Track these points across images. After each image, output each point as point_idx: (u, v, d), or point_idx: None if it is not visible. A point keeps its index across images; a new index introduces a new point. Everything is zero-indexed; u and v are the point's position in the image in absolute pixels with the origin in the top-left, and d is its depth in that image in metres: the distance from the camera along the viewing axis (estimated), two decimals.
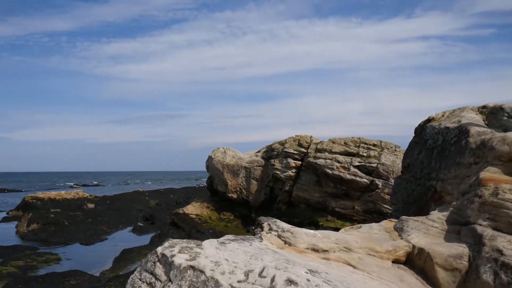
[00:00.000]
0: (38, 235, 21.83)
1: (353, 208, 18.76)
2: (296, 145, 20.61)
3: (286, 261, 3.04)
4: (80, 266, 14.69)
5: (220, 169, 21.95)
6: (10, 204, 41.33)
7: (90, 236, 21.34)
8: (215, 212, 22.28)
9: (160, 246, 3.00)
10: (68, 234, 21.43)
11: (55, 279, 11.95)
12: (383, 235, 4.62)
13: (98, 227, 23.32)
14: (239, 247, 3.14)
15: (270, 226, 4.19)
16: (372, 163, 18.61)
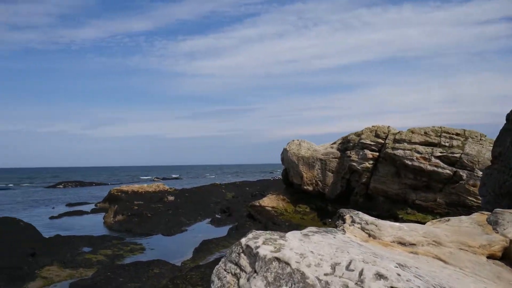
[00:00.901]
0: (123, 225, 23.00)
1: (435, 201, 17.94)
2: (373, 136, 20.02)
3: (374, 254, 2.91)
4: (162, 255, 15.23)
5: (295, 161, 21.85)
6: (98, 197, 43.96)
7: (171, 227, 22.13)
8: (291, 205, 22.24)
9: (244, 237, 2.98)
10: (150, 225, 22.38)
11: (140, 267, 12.49)
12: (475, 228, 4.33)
13: (178, 219, 24.14)
14: (323, 240, 3.06)
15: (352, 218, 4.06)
16: (455, 153, 17.65)
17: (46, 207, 37.40)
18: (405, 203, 18.61)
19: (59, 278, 12.71)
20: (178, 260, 14.89)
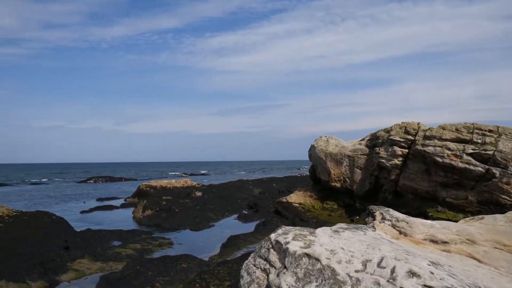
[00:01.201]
0: (152, 220, 23.32)
1: (466, 199, 17.53)
2: (403, 132, 19.70)
3: (405, 252, 2.86)
4: (190, 250, 15.37)
5: (323, 157, 21.71)
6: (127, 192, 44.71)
7: (199, 222, 22.32)
8: (318, 201, 22.12)
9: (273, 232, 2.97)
10: (178, 220, 22.61)
11: (168, 262, 12.63)
12: (510, 227, 4.20)
13: (206, 214, 24.32)
14: (354, 236, 3.02)
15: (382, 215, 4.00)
16: (488, 150, 17.20)
17: (77, 201, 38.23)
18: (435, 201, 18.26)
19: (90, 271, 12.97)
20: (205, 255, 15.00)
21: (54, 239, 14.57)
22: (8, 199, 40.59)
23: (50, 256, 12.89)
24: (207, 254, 15.36)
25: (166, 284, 10.69)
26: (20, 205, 31.51)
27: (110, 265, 13.67)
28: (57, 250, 13.59)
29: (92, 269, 13.11)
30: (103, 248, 15.43)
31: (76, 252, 14.19)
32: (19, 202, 37.46)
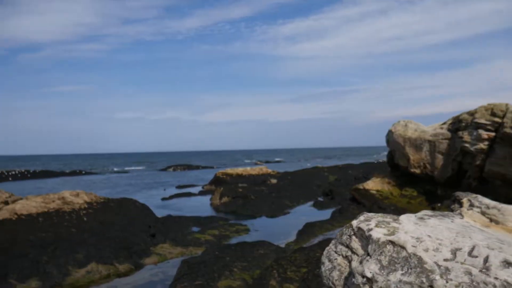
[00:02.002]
0: (228, 207, 23.82)
1: None
2: (489, 115, 18.49)
3: (499, 240, 2.65)
4: (266, 237, 15.50)
5: (401, 143, 20.96)
6: (204, 180, 45.98)
7: (275, 209, 22.47)
8: (397, 188, 21.43)
9: (355, 219, 2.87)
10: (254, 207, 22.91)
11: (246, 248, 12.82)
12: None
13: (281, 201, 24.43)
14: (440, 224, 2.85)
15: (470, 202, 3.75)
16: None
17: (158, 189, 39.88)
18: None
19: (172, 255, 13.50)
20: (282, 242, 15.07)
21: (138, 225, 15.30)
22: (95, 186, 43.24)
23: (135, 241, 13.56)
24: (283, 240, 15.43)
25: (243, 269, 10.86)
26: (106, 193, 33.44)
27: (190, 250, 14.15)
28: (141, 235, 14.27)
29: (173, 254, 13.64)
30: (183, 233, 15.99)
31: (158, 237, 14.81)
32: (105, 189, 39.76)
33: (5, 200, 14.76)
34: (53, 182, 52.24)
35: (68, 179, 59.27)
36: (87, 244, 12.30)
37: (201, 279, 9.69)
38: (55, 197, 15.61)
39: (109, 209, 15.86)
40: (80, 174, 68.83)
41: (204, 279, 9.64)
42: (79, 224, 13.92)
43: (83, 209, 15.13)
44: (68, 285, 10.70)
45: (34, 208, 14.24)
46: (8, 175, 59.11)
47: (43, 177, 61.63)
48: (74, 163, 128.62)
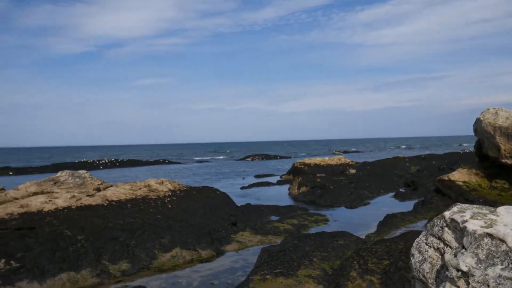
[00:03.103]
0: (307, 197, 23.77)
1: None
2: None
3: None
4: (346, 227, 15.30)
5: (491, 132, 19.70)
6: (282, 169, 46.26)
7: (354, 200, 22.10)
8: (485, 180, 20.20)
9: (447, 210, 2.74)
10: (333, 197, 22.67)
11: (325, 238, 12.74)
12: None
13: (360, 192, 23.98)
14: None
15: None
16: None
17: (236, 178, 40.68)
18: None
19: (251, 243, 13.74)
20: (361, 233, 14.80)
21: (219, 213, 15.72)
22: (177, 175, 44.97)
23: (216, 228, 13.96)
24: (363, 232, 15.14)
25: (323, 259, 10.81)
26: (187, 181, 34.64)
27: (270, 238, 14.31)
28: (222, 223, 14.66)
29: (253, 242, 13.87)
30: (262, 222, 16.20)
31: (238, 225, 15.13)
32: (186, 178, 41.23)
33: (97, 187, 15.78)
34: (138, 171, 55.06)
35: (151, 167, 62.14)
36: (172, 230, 12.84)
37: (281, 267, 9.78)
38: (142, 185, 16.44)
39: (191, 197, 16.43)
40: (163, 163, 71.94)
41: (284, 268, 9.72)
42: (164, 210, 14.56)
43: (167, 197, 15.80)
44: (155, 268, 11.26)
45: (123, 195, 15.08)
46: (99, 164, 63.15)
47: (129, 165, 65.15)
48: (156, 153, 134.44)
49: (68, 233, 11.36)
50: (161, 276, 10.74)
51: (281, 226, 15.76)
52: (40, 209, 12.84)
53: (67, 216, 12.61)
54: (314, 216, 18.04)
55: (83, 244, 11.12)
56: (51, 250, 10.63)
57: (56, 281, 9.95)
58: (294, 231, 15.12)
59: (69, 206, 13.43)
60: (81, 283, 10.09)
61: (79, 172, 16.57)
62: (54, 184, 15.55)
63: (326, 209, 20.35)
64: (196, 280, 10.45)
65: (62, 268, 10.29)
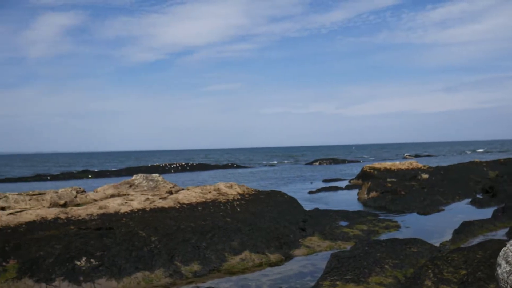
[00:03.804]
0: (377, 202, 23.20)
1: None
2: None
3: None
4: (418, 234, 14.75)
5: None
6: (350, 174, 45.49)
7: (427, 206, 21.27)
8: None
9: None
10: (405, 203, 21.96)
11: (397, 244, 12.35)
12: None
13: (434, 198, 23.05)
14: None
15: None
16: None
17: (304, 182, 40.53)
18: None
19: (320, 248, 13.62)
20: (435, 241, 14.21)
21: (287, 217, 15.72)
22: (245, 179, 45.54)
23: (285, 232, 13.96)
24: (437, 239, 14.53)
25: (395, 267, 10.50)
26: (255, 185, 34.92)
27: (339, 244, 14.11)
28: (290, 227, 14.64)
29: (321, 247, 13.74)
30: (331, 227, 16.00)
31: (307, 229, 15.04)
32: (254, 182, 41.64)
33: (169, 190, 16.33)
34: (207, 175, 56.35)
35: (220, 171, 63.39)
36: (241, 233, 13.01)
37: (351, 273, 9.61)
38: (211, 188, 16.80)
39: (260, 200, 16.56)
40: (231, 167, 73.13)
41: (354, 274, 9.54)
42: (233, 214, 14.78)
43: (236, 200, 16.03)
44: (225, 270, 11.45)
45: (194, 198, 15.49)
46: (171, 168, 65.36)
47: (199, 169, 66.85)
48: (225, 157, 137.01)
49: (143, 234, 11.83)
50: (231, 279, 10.90)
51: (350, 232, 15.49)
52: (117, 211, 13.49)
53: (142, 218, 13.15)
54: (385, 222, 17.57)
55: (156, 245, 11.53)
56: (127, 250, 11.12)
57: (132, 280, 10.40)
58: (364, 237, 14.81)
59: (143, 208, 14.00)
60: (155, 283, 10.47)
61: (152, 175, 17.24)
62: (129, 187, 16.27)
63: (397, 215, 19.75)
64: (265, 283, 10.51)
65: (137, 267, 10.73)
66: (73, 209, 13.29)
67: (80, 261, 10.44)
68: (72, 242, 10.93)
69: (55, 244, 10.82)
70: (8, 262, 10.11)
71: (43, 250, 10.56)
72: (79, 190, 15.07)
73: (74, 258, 10.45)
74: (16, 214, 12.40)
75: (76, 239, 11.09)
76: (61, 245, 10.77)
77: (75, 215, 12.85)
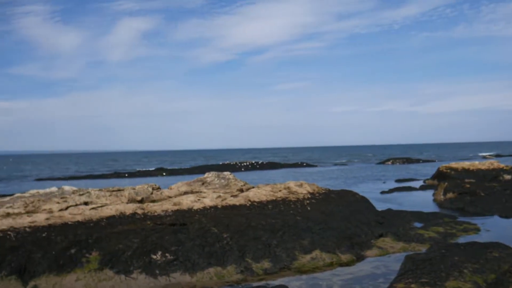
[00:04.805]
0: (454, 204, 22.15)
1: None
2: None
3: None
4: (500, 238, 13.89)
5: None
6: (425, 174, 43.80)
7: (510, 208, 20.01)
8: None
9: None
10: (485, 204, 20.80)
11: (477, 248, 11.73)
12: None
13: None
14: None
15: None
16: None
17: (376, 182, 39.57)
18: None
19: (393, 250, 13.23)
20: None
21: (359, 217, 15.42)
22: (315, 178, 45.20)
23: (356, 232, 13.71)
24: None
25: (475, 271, 9.97)
26: (325, 184, 34.53)
27: (413, 246, 13.63)
28: (361, 227, 14.35)
29: (395, 248, 13.34)
30: (404, 228, 15.49)
31: (378, 230, 14.67)
32: (324, 181, 41.24)
33: (240, 188, 16.56)
34: (276, 173, 56.68)
35: (289, 170, 63.46)
36: (312, 232, 12.94)
37: (426, 277, 9.25)
38: (281, 187, 16.85)
39: (330, 200, 16.38)
40: (301, 166, 72.97)
41: (431, 277, 9.17)
42: (303, 212, 14.73)
43: (306, 199, 15.96)
44: (295, 268, 11.45)
45: (264, 196, 15.61)
46: (241, 166, 66.43)
47: (268, 168, 67.31)
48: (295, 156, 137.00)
49: (215, 231, 12.10)
50: (301, 277, 10.88)
51: (425, 234, 14.92)
52: (190, 207, 13.89)
53: (214, 215, 13.45)
54: (463, 224, 16.74)
55: (228, 242, 11.74)
56: (200, 245, 11.42)
57: (205, 275, 10.66)
58: (440, 240, 14.21)
59: (215, 205, 14.31)
60: (226, 278, 10.67)
61: (224, 173, 17.57)
62: (202, 185, 16.69)
63: (477, 218, 18.73)
64: (336, 283, 10.38)
65: (210, 263, 10.99)
66: (149, 205, 13.85)
67: (156, 255, 10.87)
68: (148, 237, 11.40)
69: (133, 238, 11.33)
70: (91, 253, 10.72)
71: (122, 243, 11.09)
72: (154, 187, 15.65)
73: (150, 252, 10.90)
74: (98, 209, 13.13)
75: (152, 234, 11.55)
76: (138, 239, 11.27)
77: (151, 211, 13.38)
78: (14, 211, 12.39)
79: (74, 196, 13.83)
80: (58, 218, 12.12)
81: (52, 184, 20.25)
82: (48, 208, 12.80)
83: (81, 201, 13.58)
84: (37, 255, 10.34)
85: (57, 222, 11.81)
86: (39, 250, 10.48)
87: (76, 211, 12.71)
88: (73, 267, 10.28)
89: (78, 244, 10.89)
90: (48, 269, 10.08)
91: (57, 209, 12.78)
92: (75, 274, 10.15)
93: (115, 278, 10.20)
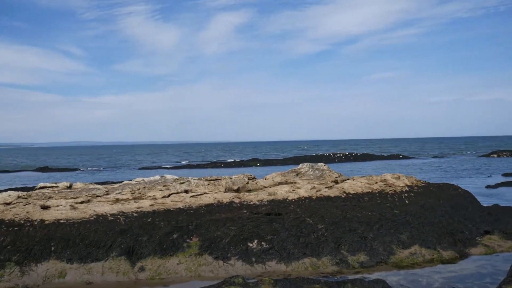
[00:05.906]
0: None
1: None
2: None
3: None
4: None
5: None
6: None
7: None
8: None
9: None
10: None
11: None
12: None
13: None
14: None
15: None
16: None
17: (480, 176, 37.15)
18: None
19: (501, 249, 12.34)
20: None
21: (462, 212, 14.57)
22: (412, 170, 43.43)
23: (459, 228, 12.95)
24: None
25: None
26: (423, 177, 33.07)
27: None
28: (464, 223, 13.53)
29: (503, 247, 12.43)
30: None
31: (483, 226, 13.70)
32: (422, 173, 39.52)
33: (335, 179, 16.38)
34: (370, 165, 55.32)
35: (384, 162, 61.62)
36: (410, 226, 12.46)
37: None
38: (378, 179, 16.39)
39: (430, 193, 15.64)
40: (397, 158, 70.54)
41: None
42: (401, 206, 14.23)
43: (404, 192, 15.39)
44: (392, 263, 11.11)
45: (360, 188, 15.30)
46: (334, 157, 65.86)
47: (362, 160, 65.86)
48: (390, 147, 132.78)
49: (310, 221, 12.10)
50: (399, 273, 10.54)
51: None
52: (285, 198, 14.01)
53: (309, 206, 13.44)
54: None
55: (323, 233, 11.69)
56: (295, 235, 11.49)
57: (300, 265, 10.72)
58: None
59: (310, 196, 14.30)
60: (322, 269, 10.64)
61: (318, 164, 17.47)
62: (296, 175, 16.74)
63: None
64: (437, 281, 9.92)
65: (305, 253, 11.03)
66: (245, 195, 14.19)
67: (252, 243, 11.12)
68: (245, 225, 11.69)
69: (230, 225, 11.68)
70: (191, 239, 11.24)
71: (220, 230, 11.49)
72: (250, 177, 15.97)
73: (247, 240, 11.17)
74: (197, 197, 13.71)
75: (248, 223, 11.82)
76: (235, 227, 11.60)
77: (247, 200, 13.69)
78: (123, 197, 13.34)
79: (175, 184, 14.55)
80: (161, 204, 12.84)
81: (155, 173, 21.49)
82: (153, 195, 13.61)
83: (181, 189, 14.25)
84: (144, 238, 11.06)
85: (160, 209, 12.53)
86: (145, 234, 11.19)
87: (178, 199, 13.38)
88: (175, 251, 10.85)
89: (180, 229, 11.47)
90: (153, 252, 10.74)
91: (160, 196, 13.54)
92: (177, 258, 10.70)
93: (214, 263, 10.60)
